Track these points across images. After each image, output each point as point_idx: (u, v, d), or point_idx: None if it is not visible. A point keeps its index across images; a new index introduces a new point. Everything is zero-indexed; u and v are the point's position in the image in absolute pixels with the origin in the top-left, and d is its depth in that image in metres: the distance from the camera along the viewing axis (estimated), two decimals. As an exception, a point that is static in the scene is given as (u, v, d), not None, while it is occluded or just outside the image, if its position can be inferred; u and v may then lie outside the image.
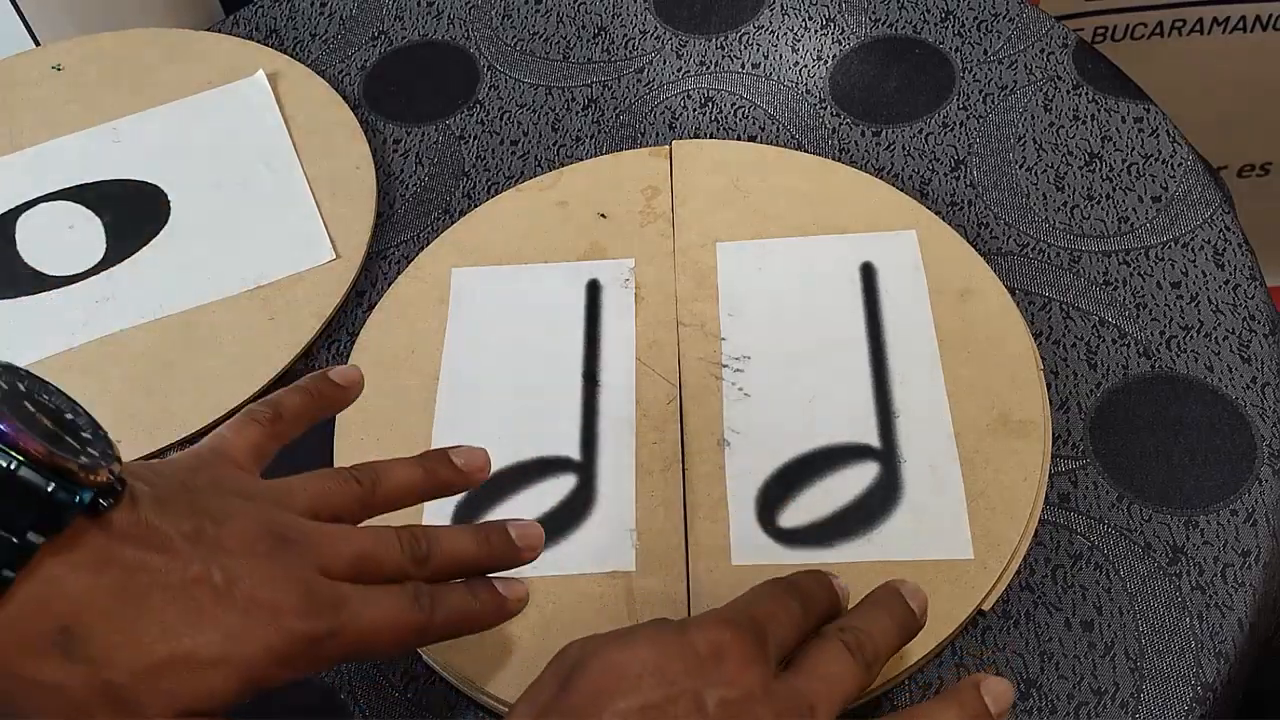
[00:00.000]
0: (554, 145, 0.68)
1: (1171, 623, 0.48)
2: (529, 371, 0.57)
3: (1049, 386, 0.55)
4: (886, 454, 0.53)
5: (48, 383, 0.39)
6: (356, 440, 0.56)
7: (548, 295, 0.60)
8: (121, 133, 0.71)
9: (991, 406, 0.53)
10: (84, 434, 0.38)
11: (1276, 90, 1.09)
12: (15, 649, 0.35)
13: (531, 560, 0.47)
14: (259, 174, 0.67)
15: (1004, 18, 0.71)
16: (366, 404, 0.57)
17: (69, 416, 0.38)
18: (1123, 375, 0.56)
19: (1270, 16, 1.03)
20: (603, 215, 0.63)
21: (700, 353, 0.57)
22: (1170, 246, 0.60)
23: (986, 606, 0.49)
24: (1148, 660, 0.48)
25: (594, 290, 0.60)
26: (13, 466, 0.34)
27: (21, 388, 0.37)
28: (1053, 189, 0.63)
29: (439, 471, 0.47)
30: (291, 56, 0.74)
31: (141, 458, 0.57)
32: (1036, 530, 0.51)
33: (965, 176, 0.64)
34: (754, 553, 0.50)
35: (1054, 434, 0.54)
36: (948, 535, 0.50)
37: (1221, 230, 0.60)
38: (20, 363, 0.60)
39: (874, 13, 0.72)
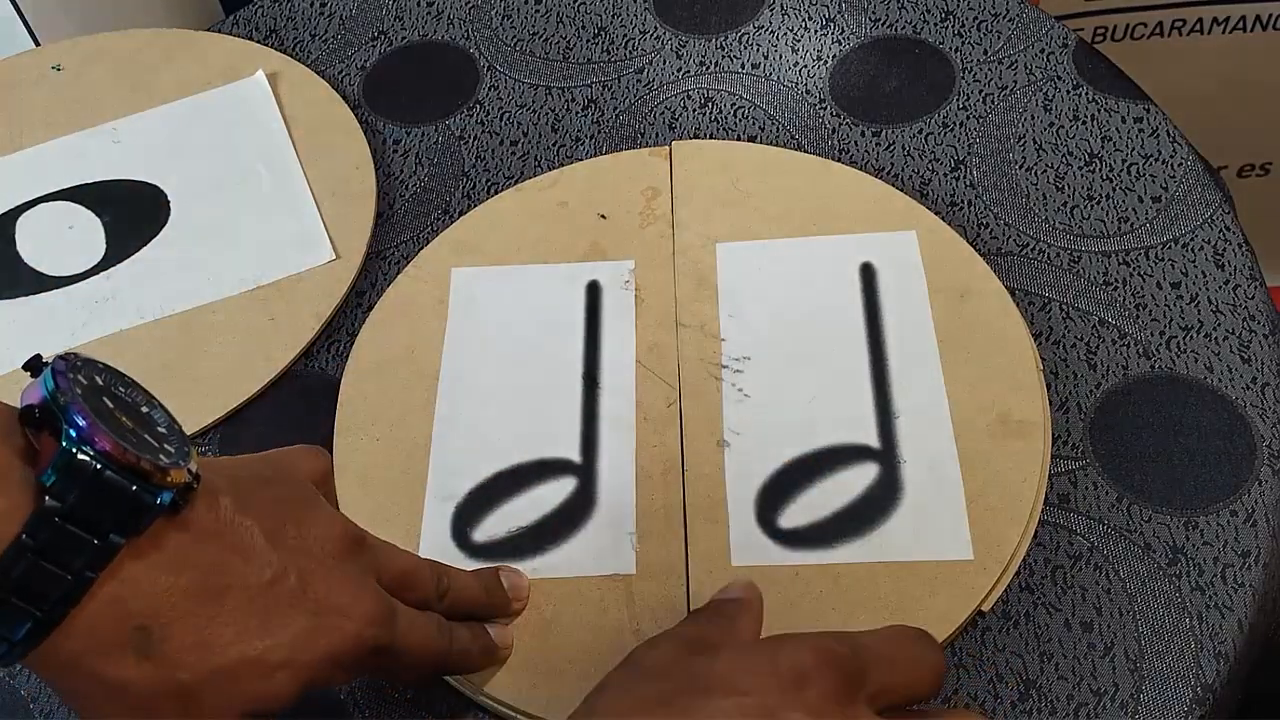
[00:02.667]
0: (554, 145, 0.68)
1: (1171, 623, 0.48)
2: (529, 373, 0.57)
3: (1049, 387, 0.55)
4: (886, 455, 0.53)
5: (123, 374, 0.39)
6: (355, 441, 0.56)
7: (548, 296, 0.60)
8: (121, 133, 0.71)
9: (991, 407, 0.53)
10: (159, 428, 0.38)
11: (1276, 90, 1.09)
12: (91, 647, 0.35)
13: (521, 610, 0.49)
14: (259, 174, 0.67)
15: (1004, 18, 0.71)
16: (366, 404, 0.57)
17: (145, 410, 0.38)
18: (1123, 375, 0.56)
19: (1270, 16, 1.03)
20: (603, 216, 0.63)
21: (700, 354, 0.57)
22: (1170, 246, 0.60)
23: (986, 607, 0.49)
24: (1147, 661, 0.48)
25: (594, 291, 0.60)
26: (98, 467, 0.34)
27: (100, 382, 0.37)
28: (1053, 189, 0.63)
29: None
30: (291, 56, 0.74)
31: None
32: (1036, 531, 0.51)
33: (965, 176, 0.64)
34: (754, 554, 0.50)
35: (1054, 434, 0.54)
36: (947, 536, 0.50)
37: (1221, 230, 0.60)
38: (20, 364, 0.60)
39: (874, 13, 0.72)
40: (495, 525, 0.53)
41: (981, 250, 0.60)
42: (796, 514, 0.51)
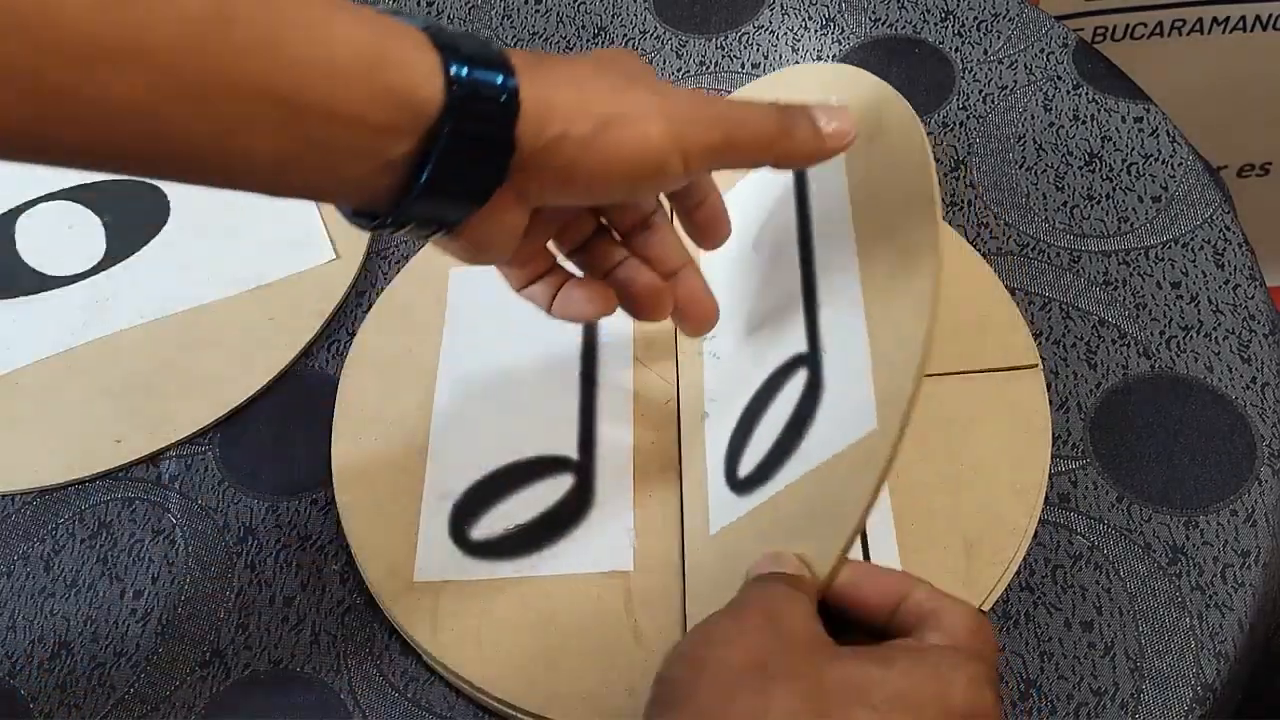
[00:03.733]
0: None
1: (1171, 623, 0.48)
2: (526, 371, 0.57)
3: (1049, 387, 0.55)
4: (812, 357, 0.48)
5: None
6: (354, 440, 0.56)
7: None
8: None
9: (895, 248, 0.46)
10: None
11: (1276, 90, 1.09)
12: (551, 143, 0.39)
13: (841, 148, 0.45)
14: (259, 174, 0.67)
15: (1004, 18, 0.71)
16: (365, 403, 0.57)
17: None
18: (1123, 375, 0.56)
19: (1270, 16, 1.03)
20: None
21: (693, 344, 0.56)
22: (1170, 246, 0.60)
23: (986, 607, 0.49)
24: (1147, 660, 0.48)
25: None
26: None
27: None
28: (1053, 189, 0.63)
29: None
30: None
31: (142, 458, 0.57)
32: (1036, 530, 0.51)
33: (965, 176, 0.64)
34: (723, 516, 0.48)
35: (1054, 434, 0.54)
36: (858, 412, 0.44)
37: (1221, 230, 0.60)
38: (20, 363, 0.61)
39: (874, 13, 0.72)
40: (493, 523, 0.53)
41: (981, 250, 0.60)
42: (752, 458, 0.49)
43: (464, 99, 0.37)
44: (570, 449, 0.54)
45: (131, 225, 0.66)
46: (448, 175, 0.38)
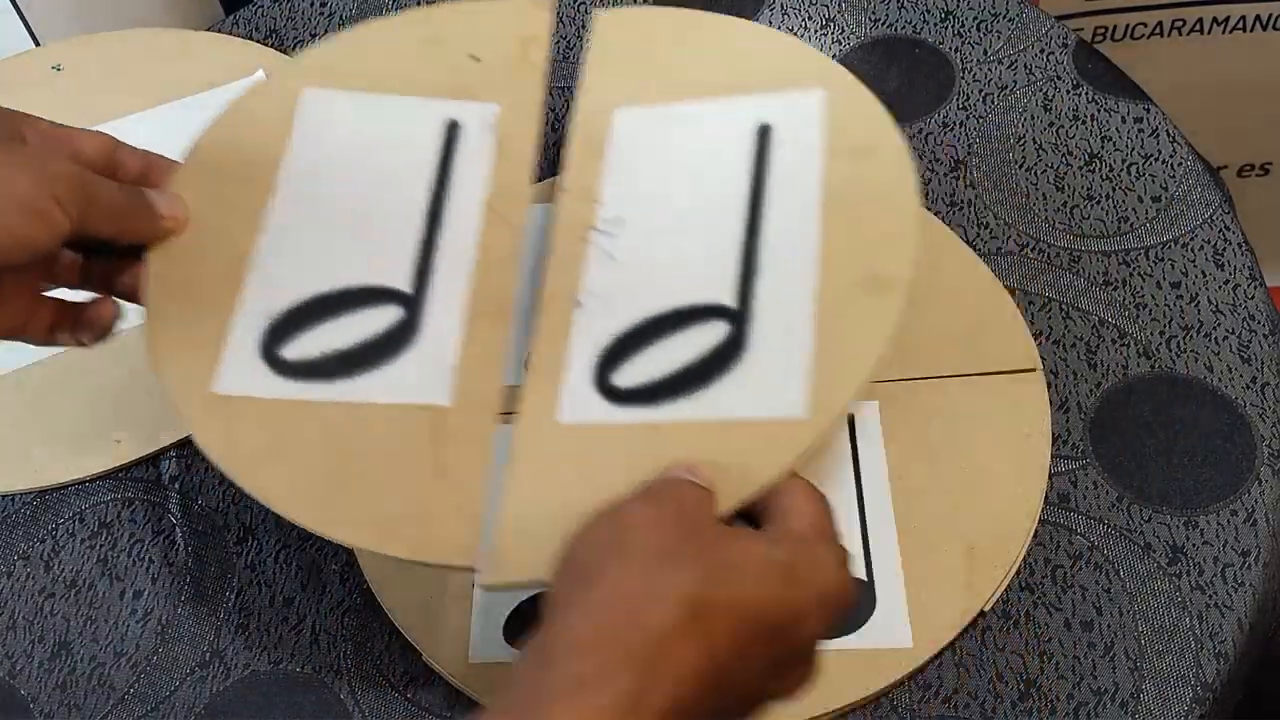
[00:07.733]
0: (552, 145, 0.68)
1: (1171, 623, 0.48)
2: (371, 199, 0.54)
3: (1049, 387, 0.55)
4: (739, 314, 0.49)
5: None
6: (175, 245, 0.52)
7: (403, 127, 0.57)
8: (121, 133, 0.71)
9: (861, 265, 0.49)
10: None
11: (1276, 90, 1.09)
12: None
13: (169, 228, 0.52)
14: (259, 174, 0.67)
15: (1004, 18, 0.71)
16: (194, 208, 0.53)
17: None
18: (1123, 375, 0.56)
19: (1270, 16, 1.03)
20: (475, 58, 0.59)
21: (575, 217, 0.53)
22: (1170, 246, 0.60)
23: (986, 607, 0.49)
24: (1148, 660, 0.48)
25: (452, 130, 0.57)
26: None
27: None
28: (1053, 189, 0.63)
29: None
30: (291, 57, 0.74)
31: (142, 458, 0.57)
32: (1036, 530, 0.51)
33: (965, 176, 0.64)
34: (583, 411, 0.47)
35: (1054, 434, 0.54)
36: (779, 392, 0.46)
37: (1221, 230, 0.60)
38: (20, 363, 0.60)
39: (874, 13, 0.72)
40: (309, 344, 0.50)
41: (981, 250, 0.60)
42: (634, 373, 0.48)
43: None
44: (404, 282, 0.52)
45: (131, 225, 0.66)
46: None
